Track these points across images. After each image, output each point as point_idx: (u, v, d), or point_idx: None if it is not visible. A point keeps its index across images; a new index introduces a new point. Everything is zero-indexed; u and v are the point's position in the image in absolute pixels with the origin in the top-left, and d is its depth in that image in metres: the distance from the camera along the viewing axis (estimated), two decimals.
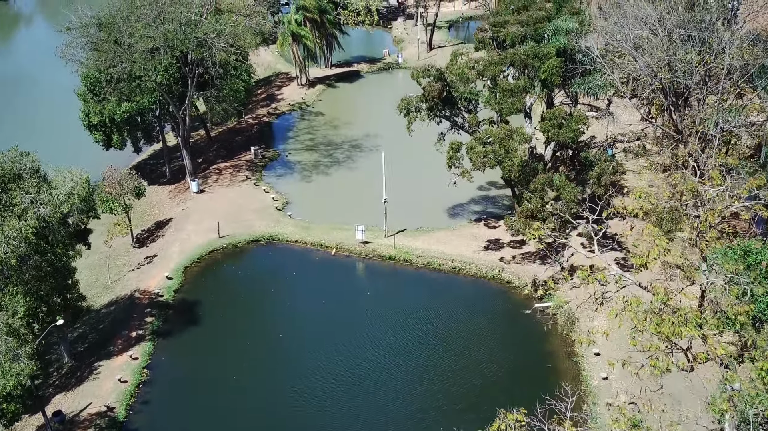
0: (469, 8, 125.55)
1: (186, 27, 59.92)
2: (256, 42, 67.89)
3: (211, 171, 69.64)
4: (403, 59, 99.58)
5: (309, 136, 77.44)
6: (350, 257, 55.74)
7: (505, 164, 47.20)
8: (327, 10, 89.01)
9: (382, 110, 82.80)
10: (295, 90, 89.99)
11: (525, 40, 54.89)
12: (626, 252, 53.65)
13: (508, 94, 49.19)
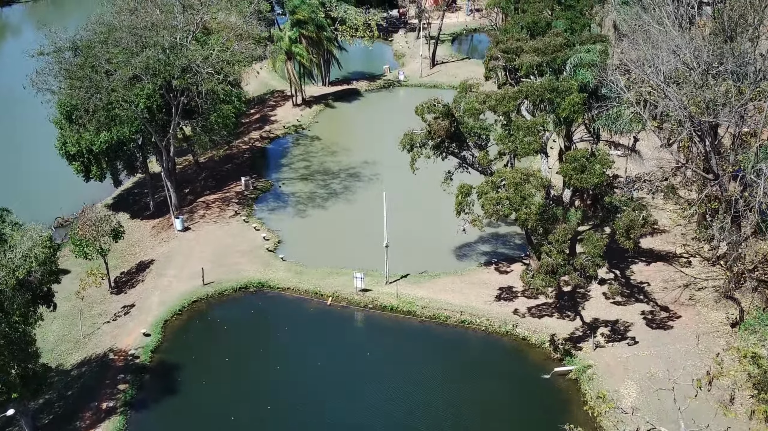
0: (472, 19, 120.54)
1: (169, 52, 54.83)
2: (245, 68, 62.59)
3: (198, 205, 64.40)
4: (405, 76, 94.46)
5: (304, 163, 72.24)
6: (348, 307, 50.53)
7: (521, 213, 42.00)
8: (324, 26, 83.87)
9: (382, 133, 77.80)
10: (290, 111, 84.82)
11: (542, 70, 49.82)
12: (653, 304, 48.57)
13: (524, 133, 43.99)
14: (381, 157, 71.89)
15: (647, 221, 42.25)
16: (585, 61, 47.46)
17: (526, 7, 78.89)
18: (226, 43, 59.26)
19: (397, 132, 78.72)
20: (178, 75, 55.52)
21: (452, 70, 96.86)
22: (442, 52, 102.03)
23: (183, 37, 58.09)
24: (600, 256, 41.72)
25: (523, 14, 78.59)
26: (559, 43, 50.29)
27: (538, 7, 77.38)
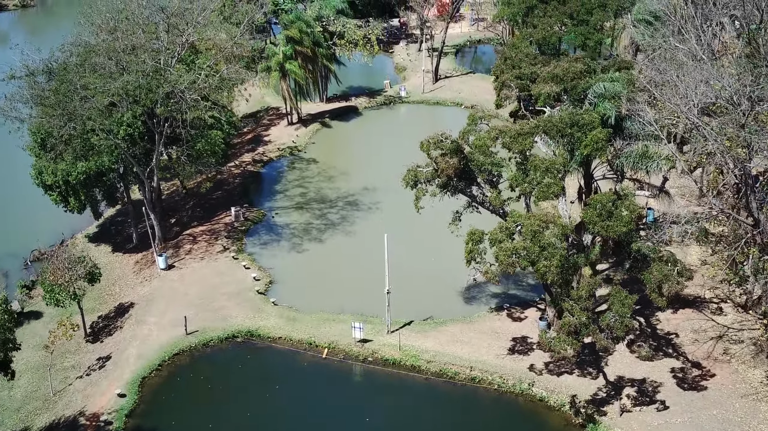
0: (477, 29, 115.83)
1: (151, 77, 50.13)
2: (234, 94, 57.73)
3: (184, 238, 59.66)
4: (406, 92, 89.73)
5: (300, 190, 67.52)
6: (346, 361, 45.78)
7: (540, 266, 37.32)
8: (319, 42, 79.14)
9: (382, 155, 73.31)
10: (285, 130, 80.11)
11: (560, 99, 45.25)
12: (683, 359, 43.88)
13: (542, 174, 39.30)
14: (381, 182, 67.22)
15: (682, 275, 37.54)
16: (609, 92, 42.78)
17: (535, 22, 74.22)
18: (214, 66, 54.61)
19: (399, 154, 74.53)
20: (160, 102, 50.86)
21: (456, 85, 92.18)
22: (445, 66, 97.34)
23: (167, 60, 53.45)
24: (629, 316, 37.03)
25: (533, 29, 73.95)
26: (579, 70, 45.73)
27: (549, 22, 72.73)
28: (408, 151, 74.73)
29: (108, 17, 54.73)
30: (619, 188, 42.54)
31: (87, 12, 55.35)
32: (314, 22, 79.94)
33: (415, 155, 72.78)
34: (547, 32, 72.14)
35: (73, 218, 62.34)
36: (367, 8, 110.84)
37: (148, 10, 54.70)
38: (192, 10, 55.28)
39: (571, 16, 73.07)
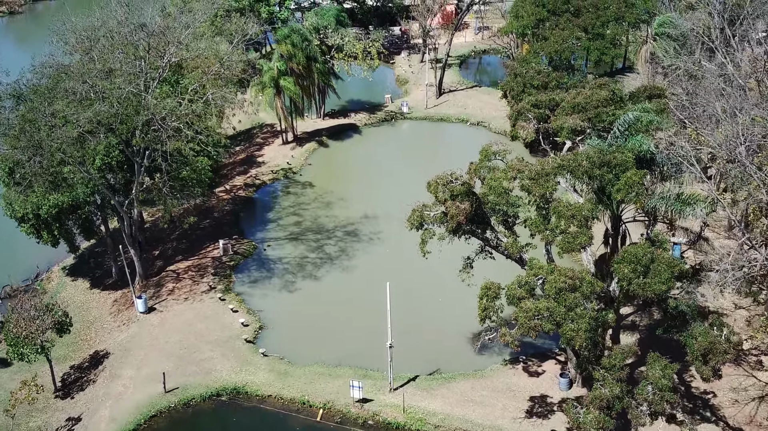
0: (481, 39, 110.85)
1: (127, 104, 45.20)
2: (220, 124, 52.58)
3: (166, 275, 54.69)
4: (409, 107, 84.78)
5: (294, 218, 62.56)
6: (343, 425, 40.80)
7: (566, 329, 32.44)
8: (315, 57, 74.19)
9: (384, 179, 68.56)
10: (280, 150, 75.17)
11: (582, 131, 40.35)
12: (724, 425, 38.95)
13: (567, 222, 34.39)
14: (382, 209, 62.49)
15: (731, 342, 32.61)
16: (642, 123, 37.80)
17: (547, 35, 69.41)
18: (200, 88, 49.65)
19: (401, 177, 69.38)
20: (138, 131, 45.95)
21: (461, 99, 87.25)
22: (450, 79, 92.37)
23: (147, 83, 48.51)
24: (670, 389, 32.11)
25: (545, 42, 69.17)
26: (604, 98, 40.77)
27: (562, 35, 67.91)
28: (411, 174, 70.52)
29: (83, 36, 49.71)
30: (651, 233, 37.70)
31: (60, 30, 50.36)
32: (311, 35, 75.04)
33: (417, 178, 67.84)
34: (559, 46, 67.39)
35: (50, 249, 57.43)
36: (367, 17, 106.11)
37: (127, 28, 49.68)
38: (174, 29, 50.28)
39: (585, 30, 68.35)
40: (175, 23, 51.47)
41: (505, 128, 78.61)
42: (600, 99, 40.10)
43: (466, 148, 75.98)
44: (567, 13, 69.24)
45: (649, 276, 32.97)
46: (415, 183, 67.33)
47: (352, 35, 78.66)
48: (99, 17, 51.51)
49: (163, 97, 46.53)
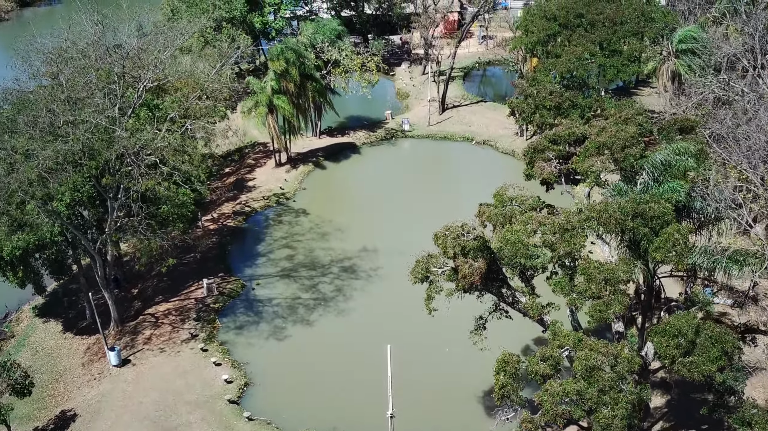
0: (486, 49, 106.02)
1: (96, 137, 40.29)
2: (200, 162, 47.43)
3: (144, 319, 49.73)
4: (410, 125, 79.87)
5: (287, 251, 57.59)
6: None
7: (600, 416, 27.48)
8: (311, 74, 69.26)
9: (383, 205, 63.67)
10: (273, 172, 70.24)
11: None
12: None
13: (598, 286, 29.40)
14: (383, 241, 57.63)
15: None
16: (677, 168, 32.84)
17: (559, 51, 64.42)
18: (178, 119, 44.77)
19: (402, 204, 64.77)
20: (110, 167, 41.07)
21: (466, 116, 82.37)
22: (453, 93, 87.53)
23: (122, 110, 43.65)
24: None
25: (557, 59, 64.19)
26: (632, 134, 35.78)
27: (575, 52, 62.91)
28: (413, 200, 65.26)
29: (51, 58, 44.85)
30: (691, 292, 32.75)
31: (24, 51, 45.49)
32: (306, 51, 70.12)
33: (420, 206, 63.34)
34: (573, 64, 62.42)
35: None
36: (366, 26, 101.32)
37: (100, 49, 44.80)
38: (151, 51, 45.37)
39: (601, 45, 63.34)
40: (152, 44, 46.48)
41: (513, 148, 73.86)
42: (627, 137, 35.17)
43: (472, 170, 71.31)
44: (580, 27, 64.26)
45: (695, 354, 28.02)
46: (418, 211, 63.26)
47: (350, 49, 73.65)
48: (68, 38, 46.57)
49: (137, 129, 41.49)
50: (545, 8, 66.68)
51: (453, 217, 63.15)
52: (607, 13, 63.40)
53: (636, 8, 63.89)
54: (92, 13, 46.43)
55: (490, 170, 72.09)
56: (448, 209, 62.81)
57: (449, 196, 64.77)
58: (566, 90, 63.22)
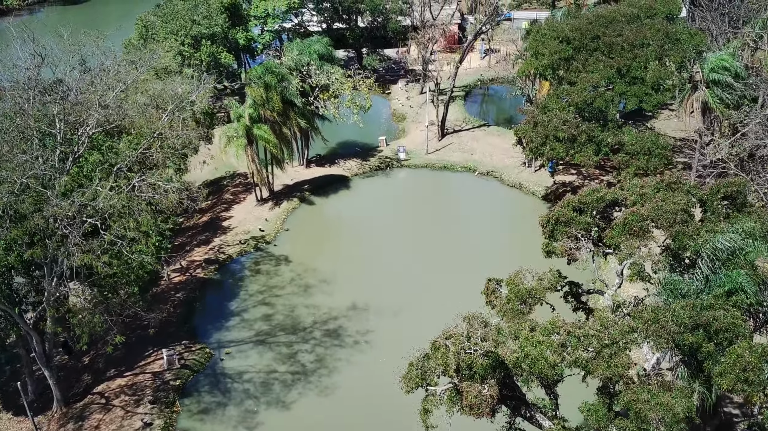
0: (488, 65, 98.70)
1: (22, 199, 33.09)
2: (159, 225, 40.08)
3: (92, 400, 42.43)
4: (406, 153, 72.64)
5: (263, 310, 50.34)
6: None
7: None
8: (293, 101, 62.01)
9: (375, 251, 56.66)
10: (253, 210, 62.95)
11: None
12: None
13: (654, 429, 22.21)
14: (374, 297, 50.64)
15: None
16: (745, 257, 25.68)
17: (574, 78, 57.27)
18: (136, 165, 37.53)
19: (397, 250, 57.81)
20: (41, 232, 33.85)
21: (467, 142, 75.15)
22: (453, 115, 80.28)
23: (63, 157, 36.43)
24: None
25: (571, 87, 57.04)
26: (683, 207, 28.61)
27: (591, 79, 55.78)
28: (409, 244, 58.37)
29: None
30: (763, 420, 25.56)
31: None
32: (290, 75, 62.90)
33: (417, 253, 56.14)
34: (589, 93, 55.27)
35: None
36: (359, 41, 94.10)
37: (32, 91, 37.50)
38: (96, 90, 38.12)
39: (620, 71, 56.18)
40: (98, 82, 39.25)
41: (520, 181, 66.65)
42: (676, 209, 27.99)
43: (476, 206, 64.17)
44: (597, 51, 57.09)
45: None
46: (414, 259, 55.02)
47: (340, 72, 66.40)
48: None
49: (72, 188, 34.21)
50: (557, 29, 59.45)
51: (452, 268, 55.65)
52: (627, 35, 56.23)
53: (659, 29, 56.71)
54: (29, 43, 39.06)
55: (496, 207, 64.98)
56: (448, 258, 55.49)
57: (449, 239, 57.61)
58: (581, 120, 56.27)
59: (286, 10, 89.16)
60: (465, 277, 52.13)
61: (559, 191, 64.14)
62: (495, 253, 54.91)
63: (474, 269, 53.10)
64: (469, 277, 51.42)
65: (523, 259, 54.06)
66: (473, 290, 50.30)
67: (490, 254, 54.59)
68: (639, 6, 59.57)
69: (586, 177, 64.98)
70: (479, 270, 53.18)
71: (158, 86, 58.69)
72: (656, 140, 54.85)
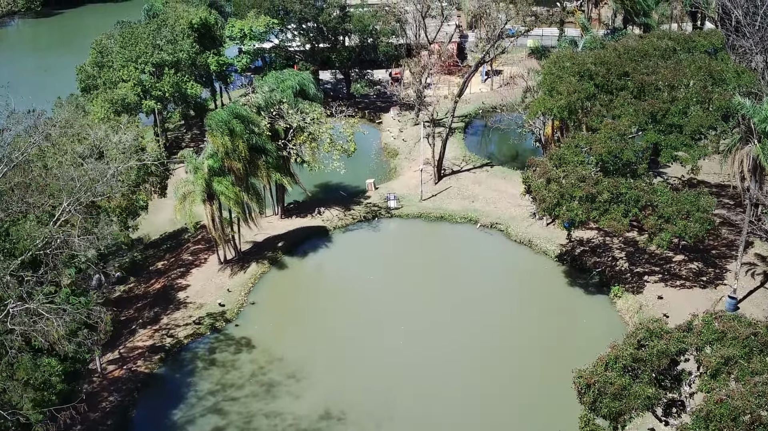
0: (490, 89, 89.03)
1: None
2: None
3: None
4: (397, 201, 62.86)
5: (213, 420, 40.36)
6: None
7: None
8: (262, 147, 52.33)
9: (356, 332, 47.18)
10: (214, 277, 53.14)
11: None
12: None
13: None
14: (354, 398, 40.93)
15: None
16: None
17: (596, 124, 47.64)
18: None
19: (384, 331, 49.13)
20: None
21: (468, 185, 65.45)
22: (452, 152, 70.65)
23: None
24: None
25: (593, 134, 47.39)
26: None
27: (618, 128, 46.14)
28: (397, 321, 47.24)
29: None
30: None
31: None
32: (258, 117, 53.20)
33: (405, 333, 46.59)
34: (616, 144, 45.56)
35: None
36: (347, 63, 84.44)
37: None
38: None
39: (654, 117, 46.45)
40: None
41: (529, 237, 56.82)
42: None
43: (479, 269, 53.95)
44: (624, 91, 47.42)
45: None
46: (403, 346, 44.50)
47: (319, 111, 56.61)
48: None
49: None
50: (577, 61, 49.73)
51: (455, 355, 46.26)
52: (663, 73, 46.56)
53: (701, 66, 47.08)
54: None
55: (502, 270, 55.33)
56: (448, 341, 45.26)
57: (447, 315, 48.07)
58: (603, 174, 46.61)
59: (265, 31, 79.59)
60: (472, 370, 42.74)
61: (576, 250, 54.49)
62: (506, 333, 45.80)
63: (482, 357, 43.75)
64: (477, 371, 42.29)
65: (540, 343, 44.63)
66: (483, 390, 40.80)
67: (500, 335, 45.58)
68: (675, 38, 49.85)
69: (607, 234, 55.25)
70: (488, 358, 44.06)
71: (100, 133, 49.43)
72: (696, 200, 45.13)
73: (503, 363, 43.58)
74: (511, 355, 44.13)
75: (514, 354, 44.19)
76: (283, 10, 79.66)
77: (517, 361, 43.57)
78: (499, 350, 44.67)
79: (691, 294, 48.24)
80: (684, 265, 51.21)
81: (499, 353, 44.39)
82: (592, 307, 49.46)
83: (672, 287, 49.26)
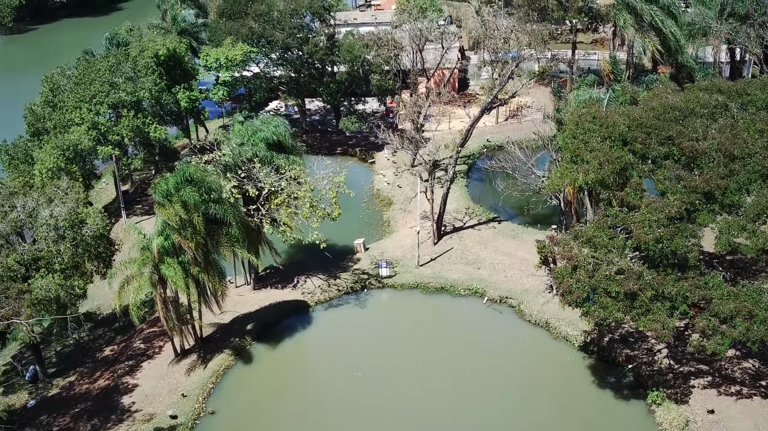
0: (495, 124, 79.94)
1: None
2: None
3: None
4: (390, 268, 53.77)
5: None
6: None
7: None
8: (221, 219, 43.32)
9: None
10: (167, 373, 44.03)
11: None
12: None
13: None
14: None
15: None
16: None
17: (635, 200, 38.70)
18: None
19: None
20: None
21: (472, 247, 56.36)
22: (454, 203, 61.64)
23: None
24: None
25: (630, 215, 38.50)
26: None
27: (666, 209, 37.22)
28: (396, 427, 40.54)
29: None
30: None
31: None
32: (221, 179, 44.24)
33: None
34: (663, 230, 36.55)
35: None
36: (335, 96, 75.47)
37: None
38: None
39: (709, 195, 37.47)
40: None
41: (546, 317, 47.74)
42: None
43: (487, 359, 44.22)
44: (669, 160, 38.40)
45: None
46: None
47: (298, 166, 47.67)
48: None
49: None
50: (608, 122, 40.66)
51: None
52: (718, 140, 37.56)
53: (762, 130, 38.06)
54: None
55: (515, 361, 45.87)
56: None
57: (448, 420, 39.02)
58: (643, 264, 37.69)
59: (243, 60, 70.73)
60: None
61: (604, 338, 45.45)
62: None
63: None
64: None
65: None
66: None
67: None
68: (726, 90, 40.87)
69: None
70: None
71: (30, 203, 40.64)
72: (759, 297, 36.30)
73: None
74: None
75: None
76: (264, 38, 70.70)
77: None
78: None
79: (750, 407, 39.27)
80: (737, 364, 42.28)
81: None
82: (625, 416, 40.49)
83: (725, 394, 40.32)
